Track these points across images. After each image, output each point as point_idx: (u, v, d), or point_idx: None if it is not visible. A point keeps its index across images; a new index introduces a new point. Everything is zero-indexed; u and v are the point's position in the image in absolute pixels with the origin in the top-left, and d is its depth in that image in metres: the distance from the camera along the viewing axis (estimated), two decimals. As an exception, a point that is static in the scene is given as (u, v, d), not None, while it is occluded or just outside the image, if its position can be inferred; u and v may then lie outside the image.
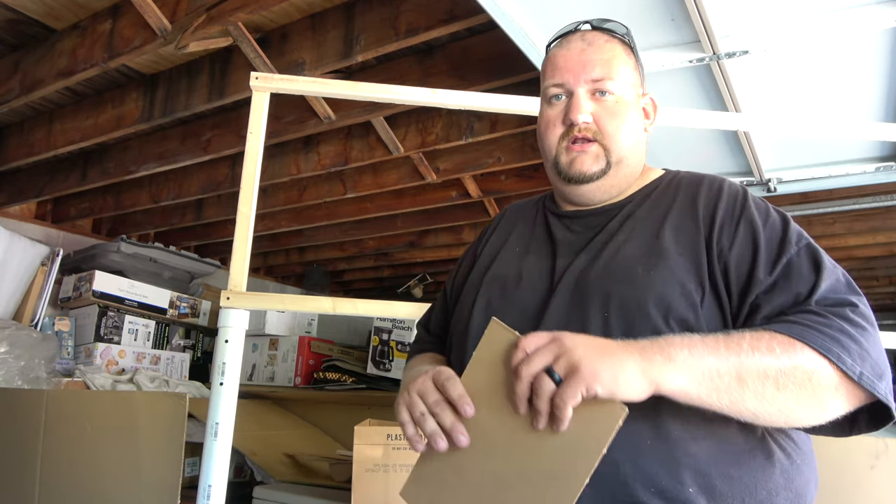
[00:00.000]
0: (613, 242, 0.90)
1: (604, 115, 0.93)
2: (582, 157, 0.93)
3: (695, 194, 0.92)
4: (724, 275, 0.83)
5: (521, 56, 1.64)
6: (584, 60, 0.94)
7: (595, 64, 0.93)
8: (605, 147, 0.93)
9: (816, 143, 2.09)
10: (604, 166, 0.93)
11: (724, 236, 0.85)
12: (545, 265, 0.93)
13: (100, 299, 3.17)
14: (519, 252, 0.99)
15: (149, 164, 2.72)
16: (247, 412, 2.98)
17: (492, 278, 0.98)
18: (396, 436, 2.08)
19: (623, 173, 0.95)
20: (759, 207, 0.89)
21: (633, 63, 0.98)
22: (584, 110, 0.92)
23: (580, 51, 0.95)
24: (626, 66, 0.95)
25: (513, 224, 1.06)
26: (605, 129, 0.93)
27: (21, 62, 2.21)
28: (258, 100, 1.58)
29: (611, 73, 0.93)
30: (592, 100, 0.93)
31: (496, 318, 0.79)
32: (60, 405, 2.02)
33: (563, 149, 0.95)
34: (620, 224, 0.92)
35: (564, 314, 0.86)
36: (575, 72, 0.94)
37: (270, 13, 1.95)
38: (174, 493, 1.69)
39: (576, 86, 0.93)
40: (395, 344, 3.04)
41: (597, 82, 0.93)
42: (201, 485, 1.37)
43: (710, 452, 0.77)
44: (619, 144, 0.93)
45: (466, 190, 2.99)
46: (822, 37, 1.48)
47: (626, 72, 0.95)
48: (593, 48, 0.94)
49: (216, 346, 1.45)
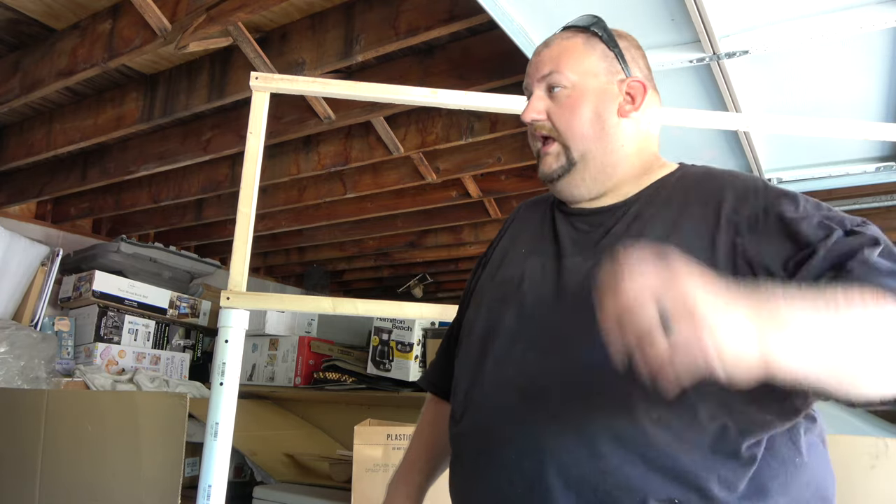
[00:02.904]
0: (618, 244, 0.85)
1: (555, 111, 0.91)
2: (545, 159, 0.93)
3: (709, 193, 0.86)
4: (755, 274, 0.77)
5: (521, 56, 1.64)
6: (537, 62, 0.94)
7: (544, 62, 0.93)
8: (564, 143, 0.91)
9: (816, 143, 2.09)
10: (564, 163, 0.91)
11: (749, 235, 0.79)
12: (549, 266, 0.91)
13: (100, 299, 3.17)
14: (525, 252, 0.97)
15: (149, 164, 2.72)
16: (247, 412, 2.98)
17: (499, 281, 0.97)
18: (396, 436, 2.08)
19: (596, 165, 0.91)
20: (787, 196, 0.82)
21: (601, 50, 0.93)
22: (531, 109, 0.92)
23: (537, 54, 0.96)
24: (582, 55, 0.92)
25: (523, 223, 1.05)
26: (557, 123, 0.91)
27: (21, 62, 2.21)
28: (258, 100, 1.58)
29: (559, 65, 0.91)
30: (549, 97, 0.92)
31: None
32: (61, 405, 2.02)
33: (537, 151, 0.95)
34: (627, 226, 0.88)
35: (570, 319, 0.84)
36: (531, 74, 0.95)
37: (270, 13, 1.95)
38: (174, 493, 1.69)
39: (532, 87, 0.94)
40: (395, 344, 3.04)
41: (546, 78, 0.92)
42: (201, 485, 1.37)
43: (693, 462, 0.74)
44: (576, 137, 0.90)
45: (466, 190, 2.99)
46: (822, 37, 1.48)
47: (582, 60, 0.92)
48: (548, 48, 0.95)
49: (216, 346, 1.45)
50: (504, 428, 0.83)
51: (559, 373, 0.81)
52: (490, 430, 0.85)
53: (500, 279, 0.97)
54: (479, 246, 3.87)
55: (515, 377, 0.85)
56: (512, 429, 0.82)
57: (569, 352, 0.81)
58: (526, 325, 0.87)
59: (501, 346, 0.88)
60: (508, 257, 0.99)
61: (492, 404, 0.86)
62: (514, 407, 0.83)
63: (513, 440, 0.82)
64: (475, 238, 3.77)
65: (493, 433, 0.85)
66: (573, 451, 0.77)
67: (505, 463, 0.82)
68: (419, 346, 2.97)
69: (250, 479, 2.77)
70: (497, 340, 0.89)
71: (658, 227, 0.85)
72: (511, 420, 0.83)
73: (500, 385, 0.86)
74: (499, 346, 0.88)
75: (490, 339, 0.90)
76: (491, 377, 0.88)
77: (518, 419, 0.82)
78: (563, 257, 0.90)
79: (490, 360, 0.89)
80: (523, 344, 0.86)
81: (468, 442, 0.89)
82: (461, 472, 0.90)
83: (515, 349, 0.86)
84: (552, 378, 0.81)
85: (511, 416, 0.83)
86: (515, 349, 0.86)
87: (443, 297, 5.34)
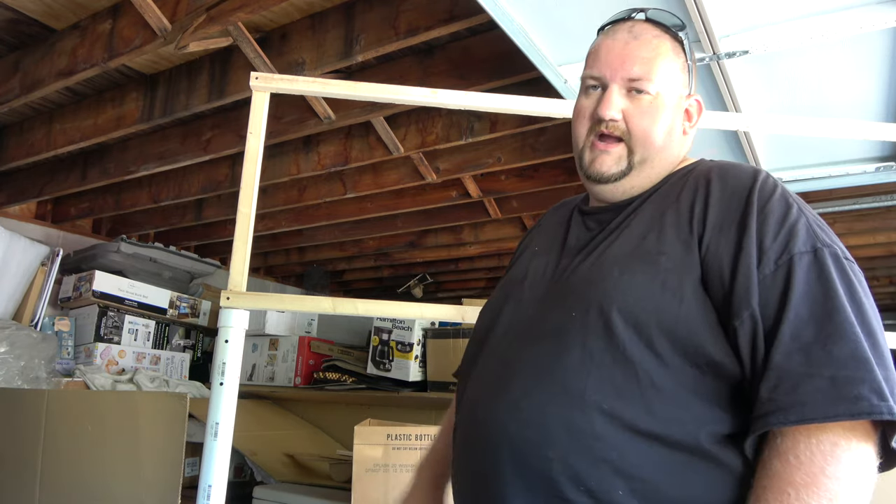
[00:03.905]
0: (607, 242, 0.87)
1: (635, 115, 0.88)
2: (602, 157, 0.90)
3: (696, 188, 0.85)
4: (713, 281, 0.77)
5: (521, 56, 1.64)
6: (625, 55, 0.89)
7: (635, 61, 0.88)
8: (630, 148, 0.89)
9: (816, 143, 2.09)
10: (624, 168, 0.89)
11: (714, 239, 0.79)
12: (550, 264, 0.92)
13: (100, 299, 3.17)
14: (536, 252, 0.98)
15: (149, 164, 2.72)
16: (247, 412, 2.98)
17: (507, 280, 0.99)
18: (396, 436, 2.08)
19: (646, 174, 0.90)
20: (764, 214, 0.78)
21: (682, 62, 0.91)
22: (613, 107, 0.88)
23: (624, 43, 0.90)
24: (671, 64, 0.90)
25: (546, 224, 1.06)
26: (634, 129, 0.88)
27: (21, 62, 2.21)
28: (258, 100, 1.58)
29: (650, 73, 0.88)
30: (627, 97, 0.89)
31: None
32: (61, 405, 2.03)
33: (588, 144, 0.92)
34: (620, 222, 0.89)
35: (547, 316, 0.85)
36: (613, 66, 0.89)
37: (270, 13, 1.95)
38: (174, 493, 1.69)
39: (612, 81, 0.89)
40: (395, 344, 3.04)
41: (633, 81, 0.88)
42: (201, 485, 1.37)
43: (646, 456, 0.73)
44: (647, 146, 0.89)
45: (466, 190, 2.99)
46: (822, 37, 1.48)
47: (669, 71, 0.89)
48: (638, 43, 0.89)
49: (216, 346, 1.45)
50: (477, 417, 0.86)
51: (526, 365, 0.83)
52: (469, 419, 0.88)
53: (509, 278, 0.99)
54: (478, 246, 3.87)
55: (495, 369, 0.87)
56: (483, 418, 0.84)
57: (539, 346, 0.83)
58: (517, 322, 0.89)
59: (494, 341, 0.91)
60: (522, 257, 1.01)
61: (475, 396, 0.89)
62: (488, 398, 0.85)
63: (482, 428, 0.84)
64: (475, 238, 3.77)
65: (471, 423, 0.87)
66: (528, 437, 0.78)
67: (474, 453, 0.85)
68: (419, 346, 2.97)
69: (250, 479, 2.77)
70: (492, 335, 0.91)
71: (645, 221, 0.86)
72: (485, 410, 0.85)
73: (483, 378, 0.89)
74: (492, 341, 0.91)
75: (488, 334, 0.93)
76: (479, 370, 0.90)
77: (489, 409, 0.84)
78: (563, 256, 0.92)
79: (483, 354, 0.91)
80: (509, 339, 0.88)
81: (458, 431, 0.92)
82: (454, 461, 0.93)
83: (502, 344, 0.89)
84: (520, 370, 0.83)
85: (485, 406, 0.85)
86: (502, 344, 0.89)
87: (443, 297, 5.35)
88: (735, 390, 0.75)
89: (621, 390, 0.75)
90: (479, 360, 0.91)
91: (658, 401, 0.75)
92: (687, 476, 0.73)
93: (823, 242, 0.76)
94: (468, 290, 5.20)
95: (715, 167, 0.87)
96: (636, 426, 0.74)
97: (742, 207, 0.80)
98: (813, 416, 0.67)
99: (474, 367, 0.92)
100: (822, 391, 0.67)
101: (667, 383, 0.75)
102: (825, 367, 0.68)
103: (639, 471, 0.73)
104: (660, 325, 0.76)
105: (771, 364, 0.71)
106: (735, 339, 0.74)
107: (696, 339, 0.75)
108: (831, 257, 0.75)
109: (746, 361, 0.74)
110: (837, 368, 0.68)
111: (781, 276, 0.74)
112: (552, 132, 2.43)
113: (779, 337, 0.71)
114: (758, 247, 0.76)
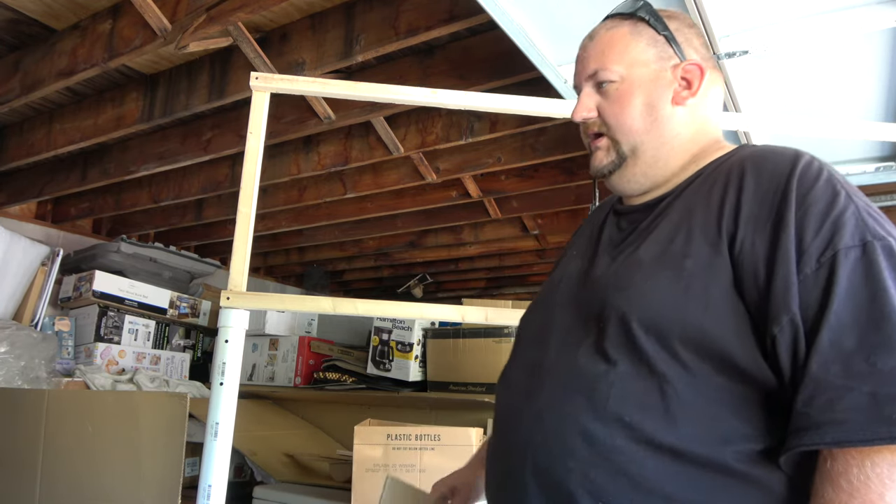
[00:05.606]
0: (635, 245, 0.83)
1: (605, 106, 0.89)
2: (595, 154, 0.91)
3: (730, 180, 0.77)
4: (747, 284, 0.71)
5: (521, 56, 1.64)
6: (584, 58, 0.92)
7: (589, 59, 0.90)
8: (613, 138, 0.89)
9: (816, 143, 2.09)
10: (615, 159, 0.89)
11: (748, 238, 0.72)
12: (583, 268, 0.90)
13: (100, 299, 3.17)
14: (574, 255, 0.96)
15: (149, 164, 2.72)
16: (247, 412, 2.98)
17: (548, 283, 0.99)
18: (396, 436, 2.08)
19: (647, 160, 0.87)
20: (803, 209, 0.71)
21: (650, 34, 0.88)
22: (582, 108, 0.90)
23: (583, 49, 0.93)
24: (628, 44, 0.88)
25: (587, 225, 1.04)
26: (608, 119, 0.89)
27: (21, 62, 2.21)
28: (258, 100, 1.58)
29: (605, 61, 0.88)
30: (598, 93, 0.90)
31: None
32: (61, 405, 2.03)
33: (588, 146, 0.94)
34: (650, 223, 0.84)
35: (570, 321, 0.84)
36: (578, 72, 0.93)
37: (270, 13, 1.95)
38: (174, 493, 1.69)
39: (580, 85, 0.92)
40: (395, 344, 3.04)
41: (594, 76, 0.89)
42: (201, 485, 1.37)
43: (668, 472, 0.70)
44: (625, 131, 0.87)
45: (466, 190, 2.99)
46: (822, 37, 1.48)
47: (628, 50, 0.88)
48: (593, 42, 0.91)
49: (216, 346, 1.45)
50: (507, 422, 0.87)
51: (551, 372, 0.82)
52: (501, 420, 0.90)
53: (549, 281, 0.99)
54: (478, 246, 3.87)
55: (523, 375, 0.87)
56: (512, 425, 0.85)
57: (564, 354, 0.82)
58: (546, 327, 0.88)
59: (525, 345, 0.92)
60: (563, 260, 1.01)
61: (506, 399, 0.90)
62: (517, 404, 0.86)
63: (511, 435, 0.85)
64: (475, 238, 3.77)
65: (501, 424, 0.89)
66: (549, 447, 0.78)
67: (502, 454, 0.86)
68: (419, 346, 2.97)
69: (250, 479, 2.77)
70: (524, 339, 0.93)
71: (674, 221, 0.80)
72: (514, 416, 0.85)
73: (513, 381, 0.89)
74: (524, 344, 0.92)
75: (523, 338, 0.94)
76: (512, 372, 0.92)
77: (517, 416, 0.85)
78: (594, 260, 0.90)
79: (517, 357, 0.93)
80: (538, 344, 0.88)
81: (493, 428, 0.93)
82: (488, 454, 0.93)
83: (531, 349, 0.89)
84: (545, 378, 0.83)
85: (514, 412, 0.86)
86: (531, 349, 0.89)
87: (443, 297, 5.34)
88: (770, 400, 0.70)
89: (644, 402, 0.72)
90: (513, 363, 0.93)
91: (682, 413, 0.71)
92: (716, 495, 0.69)
93: (875, 234, 0.67)
94: (468, 290, 5.20)
95: (750, 156, 0.79)
96: (657, 440, 0.71)
97: (779, 200, 0.72)
98: (849, 439, 0.61)
99: (510, 369, 0.93)
100: (860, 409, 0.61)
101: (693, 394, 0.71)
102: (866, 381, 0.61)
103: (660, 486, 0.70)
104: (683, 333, 0.72)
105: (808, 372, 0.64)
106: (774, 348, 0.68)
107: (722, 346, 0.70)
108: (884, 252, 0.66)
109: (787, 371, 0.67)
110: (880, 384, 0.61)
111: (824, 275, 0.66)
112: (552, 132, 2.43)
113: (817, 343, 0.64)
114: (797, 243, 0.68)
